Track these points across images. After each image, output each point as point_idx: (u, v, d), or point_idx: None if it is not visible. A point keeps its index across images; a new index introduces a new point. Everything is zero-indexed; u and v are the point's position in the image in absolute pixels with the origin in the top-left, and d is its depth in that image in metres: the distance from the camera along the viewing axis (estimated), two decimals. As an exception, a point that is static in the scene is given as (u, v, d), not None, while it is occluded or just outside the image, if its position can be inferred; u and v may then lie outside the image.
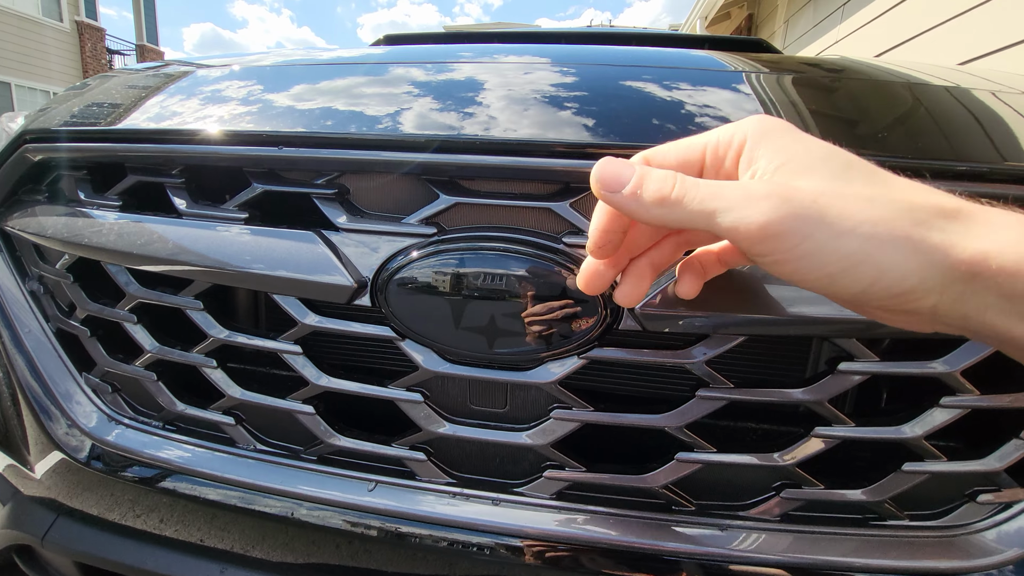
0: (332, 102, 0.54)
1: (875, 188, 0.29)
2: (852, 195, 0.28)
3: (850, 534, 0.47)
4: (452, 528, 0.49)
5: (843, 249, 0.27)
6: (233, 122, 0.53)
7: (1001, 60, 2.10)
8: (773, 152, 0.31)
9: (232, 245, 0.50)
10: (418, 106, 0.52)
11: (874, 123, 0.51)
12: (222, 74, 0.64)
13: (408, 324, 0.48)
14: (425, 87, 0.55)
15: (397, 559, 0.51)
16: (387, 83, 0.56)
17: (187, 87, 0.62)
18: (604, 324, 0.45)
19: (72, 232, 0.56)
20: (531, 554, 0.48)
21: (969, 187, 0.43)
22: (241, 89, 0.59)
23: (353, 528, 0.50)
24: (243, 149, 0.51)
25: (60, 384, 0.61)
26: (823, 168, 0.29)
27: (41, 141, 0.60)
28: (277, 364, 0.60)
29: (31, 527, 0.62)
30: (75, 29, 14.41)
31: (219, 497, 0.55)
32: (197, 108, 0.57)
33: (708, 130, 0.34)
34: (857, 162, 0.30)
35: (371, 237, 0.49)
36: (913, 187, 0.29)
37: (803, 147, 0.30)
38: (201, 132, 0.52)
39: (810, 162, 0.30)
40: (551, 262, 0.46)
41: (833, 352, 0.54)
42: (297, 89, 0.57)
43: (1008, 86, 0.59)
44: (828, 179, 0.29)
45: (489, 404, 0.52)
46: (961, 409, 0.45)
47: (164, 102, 0.60)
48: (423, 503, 0.50)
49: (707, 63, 0.63)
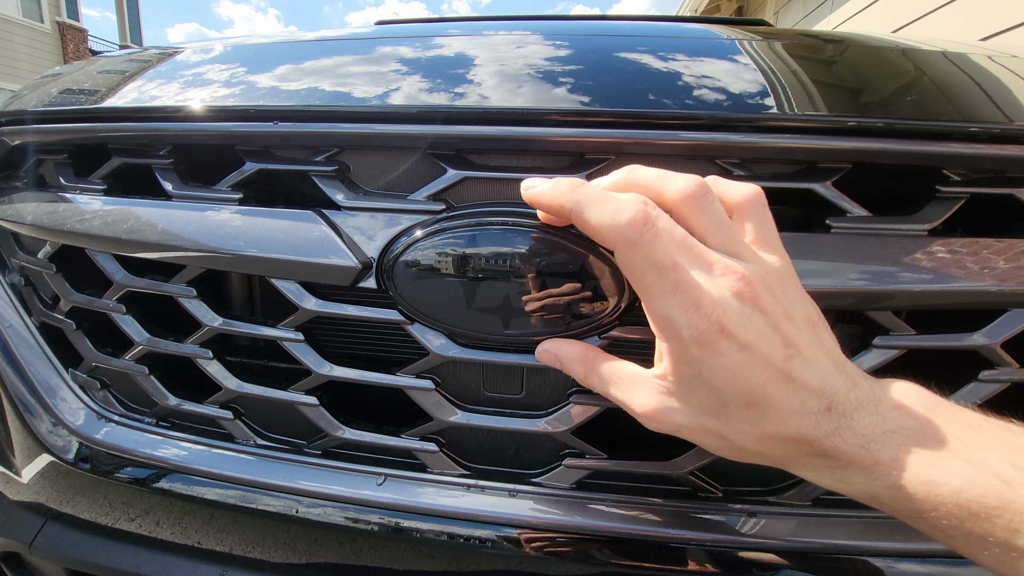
0: (329, 75, 0.51)
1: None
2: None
3: (884, 518, 0.45)
4: (467, 522, 0.46)
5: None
6: (224, 97, 0.50)
7: (1007, 41, 2.10)
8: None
9: (227, 227, 0.47)
10: (421, 77, 0.49)
11: (883, 88, 0.49)
12: (211, 53, 0.60)
13: (417, 307, 0.45)
14: (428, 60, 0.52)
15: (409, 555, 0.49)
16: (388, 56, 0.54)
17: (174, 65, 0.59)
18: (626, 301, 0.43)
19: (54, 219, 0.52)
20: (551, 546, 0.46)
21: (980, 149, 0.41)
22: (231, 66, 0.56)
23: (361, 524, 0.48)
24: (236, 125, 0.48)
25: (45, 381, 0.58)
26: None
27: (18, 123, 0.56)
28: (275, 356, 0.57)
29: (18, 533, 0.59)
30: (56, 30, 14.16)
31: (218, 496, 0.51)
32: (185, 85, 0.53)
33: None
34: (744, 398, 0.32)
35: (375, 215, 0.46)
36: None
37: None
38: (190, 109, 0.49)
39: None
40: (567, 237, 0.43)
41: (848, 330, 0.52)
42: (291, 65, 0.54)
43: (1002, 52, 0.58)
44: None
45: (504, 390, 0.49)
46: (1000, 383, 0.43)
47: (150, 80, 0.56)
48: (436, 496, 0.47)
49: (705, 33, 0.61)
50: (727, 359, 0.31)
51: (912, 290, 0.41)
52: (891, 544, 0.44)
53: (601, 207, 0.33)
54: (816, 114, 0.43)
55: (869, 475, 0.30)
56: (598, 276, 0.42)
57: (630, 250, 0.32)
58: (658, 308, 0.32)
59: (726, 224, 0.34)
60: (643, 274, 0.32)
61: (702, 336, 0.31)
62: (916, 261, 0.41)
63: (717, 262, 0.32)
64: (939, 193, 0.43)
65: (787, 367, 0.31)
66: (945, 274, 0.41)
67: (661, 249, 0.31)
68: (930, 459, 0.29)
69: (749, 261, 0.33)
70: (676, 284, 0.31)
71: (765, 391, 0.31)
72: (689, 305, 0.31)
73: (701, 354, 0.31)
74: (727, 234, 0.33)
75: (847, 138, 0.42)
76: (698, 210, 0.33)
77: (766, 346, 0.31)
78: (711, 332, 0.30)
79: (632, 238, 0.31)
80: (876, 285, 0.41)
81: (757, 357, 0.31)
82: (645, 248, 0.31)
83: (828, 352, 0.33)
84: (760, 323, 0.31)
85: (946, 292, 0.41)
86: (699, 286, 0.31)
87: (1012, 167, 0.42)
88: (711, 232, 0.33)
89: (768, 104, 0.44)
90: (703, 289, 0.31)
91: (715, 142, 0.42)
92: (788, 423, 0.31)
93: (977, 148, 0.42)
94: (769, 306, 0.32)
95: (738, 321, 0.31)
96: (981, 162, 0.42)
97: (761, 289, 0.32)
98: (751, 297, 0.31)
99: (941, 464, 0.29)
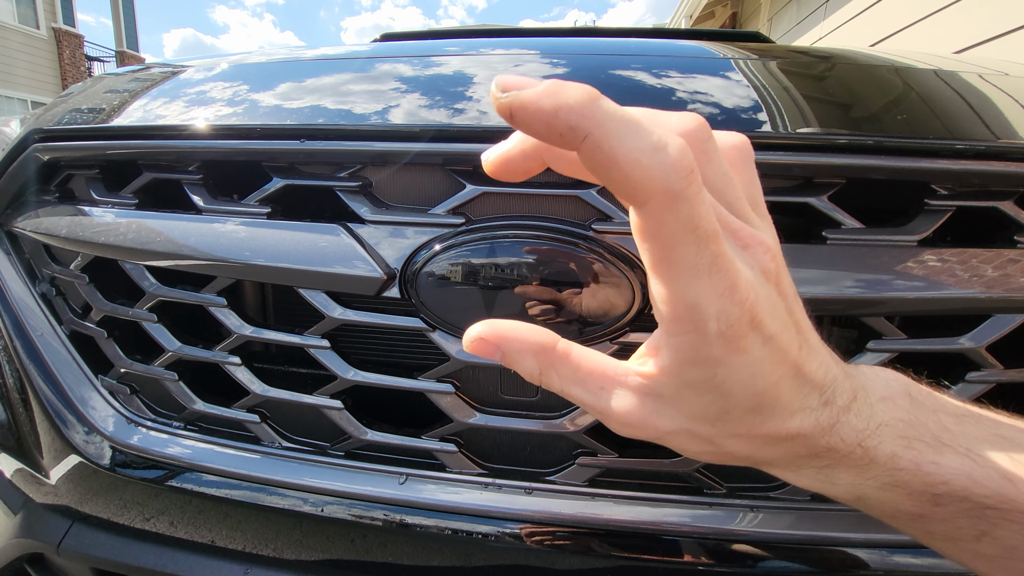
0: (350, 94, 0.54)
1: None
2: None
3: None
4: (485, 518, 0.49)
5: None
6: (252, 116, 0.52)
7: (984, 53, 2.16)
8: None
9: (257, 240, 0.50)
10: (440, 96, 0.52)
11: (874, 105, 0.52)
12: (236, 71, 0.63)
13: (438, 314, 0.47)
14: (443, 78, 0.55)
15: (430, 552, 0.51)
16: (406, 75, 0.56)
17: (201, 82, 0.61)
18: (636, 308, 0.46)
19: (88, 232, 0.55)
20: (565, 541, 0.48)
21: (966, 165, 0.44)
22: (258, 84, 0.59)
23: (385, 522, 0.50)
24: (264, 143, 0.51)
25: (75, 388, 0.60)
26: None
27: (51, 140, 0.59)
28: (296, 362, 0.60)
29: (45, 535, 0.61)
30: (52, 36, 14.16)
31: (244, 497, 0.54)
32: (211, 102, 0.56)
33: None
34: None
35: (398, 229, 0.49)
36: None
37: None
38: (221, 127, 0.52)
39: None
40: (581, 248, 0.46)
41: (843, 335, 0.55)
42: (312, 83, 0.57)
43: (993, 69, 0.61)
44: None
45: (520, 393, 0.52)
46: (986, 384, 0.46)
47: (175, 97, 0.59)
48: (456, 494, 0.50)
49: (702, 52, 0.64)
50: (749, 357, 0.24)
51: (903, 297, 0.44)
52: (887, 536, 0.46)
53: (636, 135, 0.21)
54: (812, 132, 0.46)
55: (861, 474, 0.27)
56: (610, 284, 0.45)
57: (671, 206, 0.21)
58: (685, 292, 0.23)
59: (732, 179, 0.26)
60: (677, 242, 0.22)
61: (731, 329, 0.23)
62: (907, 269, 0.44)
63: (741, 230, 0.25)
64: (928, 206, 0.46)
65: (799, 359, 0.26)
66: (934, 282, 0.44)
67: (705, 208, 0.22)
68: (928, 455, 0.26)
69: (758, 228, 0.26)
70: (713, 260, 0.23)
71: (776, 391, 0.25)
72: (724, 289, 0.23)
73: (723, 353, 0.24)
74: (733, 192, 0.26)
75: (842, 155, 0.45)
76: (705, 158, 0.25)
77: (786, 337, 0.25)
78: (742, 324, 0.24)
79: (678, 189, 0.21)
80: (869, 292, 0.44)
81: (777, 352, 0.25)
82: (690, 205, 0.21)
83: (818, 337, 0.28)
84: (781, 308, 0.25)
85: (935, 299, 0.44)
86: (734, 264, 0.23)
87: (996, 181, 0.45)
88: (718, 189, 0.25)
89: (763, 120, 0.47)
90: (738, 268, 0.23)
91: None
92: (789, 422, 0.26)
93: (963, 164, 0.45)
94: (786, 285, 0.26)
95: (767, 308, 0.24)
96: (967, 177, 0.45)
97: (781, 263, 0.26)
98: (775, 275, 0.25)
99: (940, 460, 0.26)
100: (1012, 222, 0.46)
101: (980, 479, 0.25)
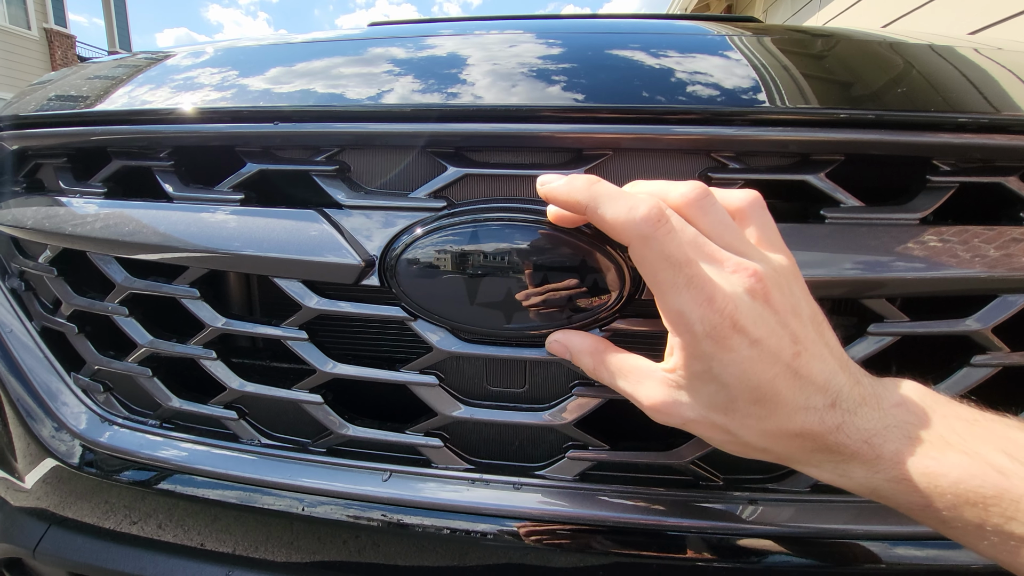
0: (328, 76, 0.51)
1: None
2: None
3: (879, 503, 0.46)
4: (473, 515, 0.47)
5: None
6: (224, 99, 0.50)
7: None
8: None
9: (229, 228, 0.47)
10: (418, 77, 0.49)
11: (873, 81, 0.50)
12: (208, 55, 0.61)
13: (419, 303, 0.45)
14: (425, 60, 0.53)
15: (414, 551, 0.49)
16: (384, 56, 0.54)
17: (172, 68, 0.59)
18: (626, 295, 0.43)
19: (55, 223, 0.52)
20: (556, 538, 0.46)
21: (969, 139, 0.42)
22: (229, 68, 0.56)
23: (367, 521, 0.48)
24: (236, 126, 0.48)
25: (47, 386, 0.58)
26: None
27: (17, 128, 0.56)
28: (277, 356, 0.58)
29: (21, 539, 0.59)
30: (44, 37, 14.03)
31: (222, 496, 0.52)
32: (184, 87, 0.54)
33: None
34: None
35: (377, 214, 0.47)
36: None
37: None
38: (190, 110, 0.49)
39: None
40: (566, 232, 0.44)
41: (844, 320, 0.53)
42: (288, 66, 0.54)
43: (988, 44, 0.59)
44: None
45: (507, 384, 0.50)
46: (992, 368, 0.44)
47: (148, 83, 0.56)
48: (441, 491, 0.48)
49: (697, 30, 0.62)
50: (738, 355, 0.31)
51: (905, 277, 0.42)
52: (887, 528, 0.44)
53: (617, 203, 0.33)
54: (808, 107, 0.44)
55: (871, 468, 0.31)
56: (598, 270, 0.43)
57: (645, 245, 0.32)
58: (671, 303, 0.32)
59: (730, 225, 0.35)
60: (657, 269, 0.32)
61: (715, 331, 0.31)
62: (908, 249, 0.42)
63: (728, 259, 0.33)
64: (929, 183, 0.44)
65: (795, 363, 0.32)
66: (936, 262, 0.42)
67: (675, 244, 0.32)
68: (930, 452, 0.30)
69: (757, 260, 0.33)
70: (689, 279, 0.31)
71: (773, 387, 0.31)
72: (702, 300, 0.31)
73: (713, 349, 0.31)
74: (732, 234, 0.34)
75: (839, 130, 0.43)
76: (701, 212, 0.34)
77: (776, 342, 0.31)
78: (724, 327, 0.31)
79: (647, 233, 0.32)
80: (870, 273, 0.42)
81: (767, 353, 0.31)
82: (659, 243, 0.32)
83: (832, 350, 0.34)
84: (770, 320, 0.32)
85: (938, 279, 0.42)
86: (712, 282, 0.31)
87: (1000, 156, 0.43)
88: (717, 233, 0.34)
89: (761, 98, 0.45)
90: (716, 285, 0.31)
91: (711, 136, 0.43)
92: (794, 419, 0.32)
93: (966, 138, 0.43)
94: (779, 303, 0.32)
95: (750, 317, 0.31)
96: (970, 151, 0.43)
97: (772, 286, 0.32)
98: (762, 294, 0.32)
99: (940, 457, 0.29)
100: (1017, 198, 0.44)
101: (976, 473, 0.28)
